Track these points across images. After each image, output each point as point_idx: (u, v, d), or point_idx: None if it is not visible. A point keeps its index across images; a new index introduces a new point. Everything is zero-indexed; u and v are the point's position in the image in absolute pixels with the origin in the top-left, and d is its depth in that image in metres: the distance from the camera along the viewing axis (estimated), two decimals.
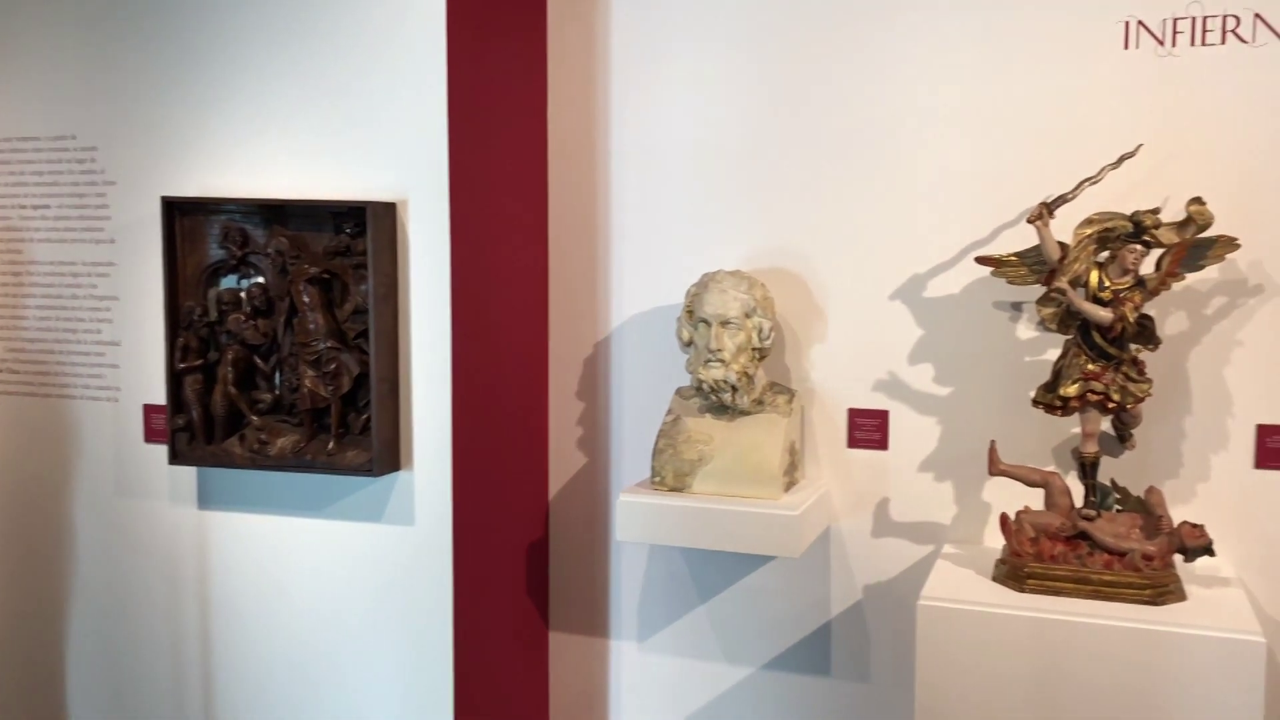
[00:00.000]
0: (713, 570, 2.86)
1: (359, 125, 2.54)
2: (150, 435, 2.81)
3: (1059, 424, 2.42)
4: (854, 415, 2.69)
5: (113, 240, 2.80)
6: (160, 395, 2.70)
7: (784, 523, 2.42)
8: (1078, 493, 2.32)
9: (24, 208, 2.88)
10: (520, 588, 2.91)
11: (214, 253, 2.64)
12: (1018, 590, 2.24)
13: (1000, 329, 2.54)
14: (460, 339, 2.55)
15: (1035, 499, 2.35)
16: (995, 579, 2.31)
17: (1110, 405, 2.23)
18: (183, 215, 2.62)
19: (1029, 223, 2.26)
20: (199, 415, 2.64)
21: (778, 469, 2.50)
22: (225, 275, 2.65)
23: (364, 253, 2.49)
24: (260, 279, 2.62)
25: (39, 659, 3.00)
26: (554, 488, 3.04)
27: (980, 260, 2.42)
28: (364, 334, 2.52)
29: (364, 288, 2.52)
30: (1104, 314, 2.20)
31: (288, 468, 2.59)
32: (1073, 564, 2.23)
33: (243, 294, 2.62)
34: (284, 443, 2.61)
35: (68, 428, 2.89)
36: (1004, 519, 2.32)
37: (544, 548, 3.03)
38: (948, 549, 2.57)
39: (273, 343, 2.63)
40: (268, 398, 2.65)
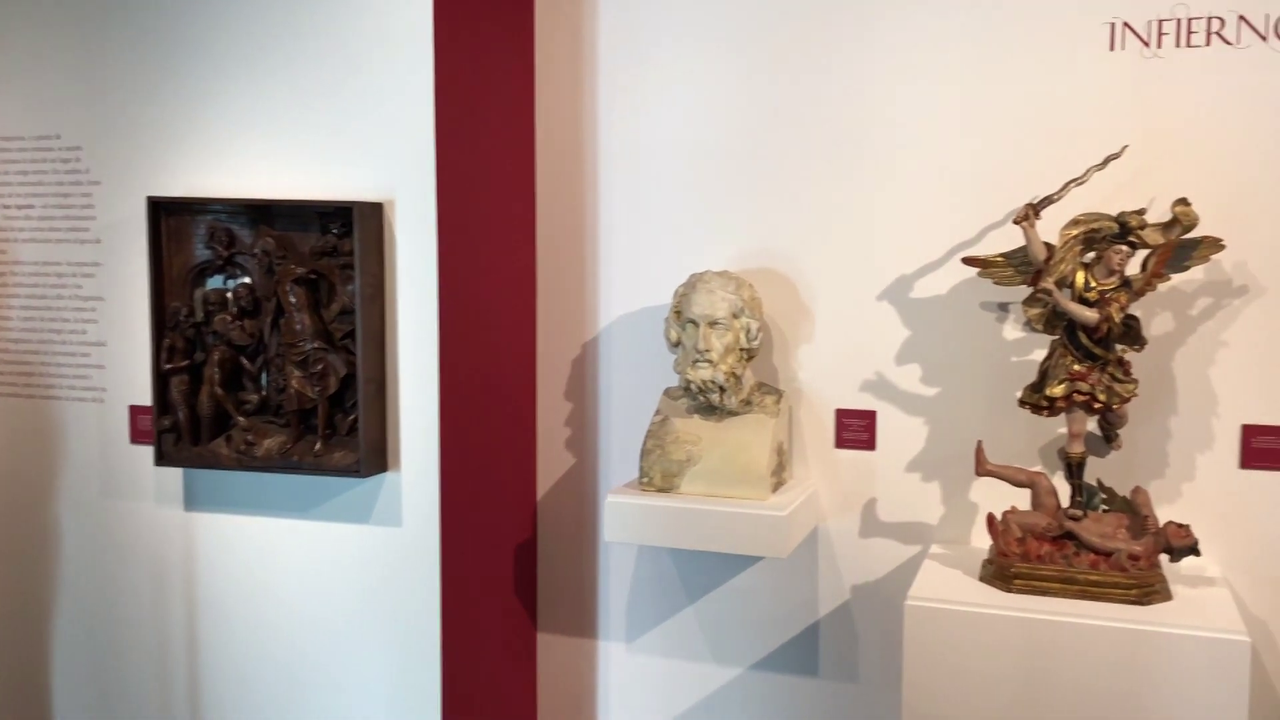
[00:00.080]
0: (701, 571, 2.86)
1: (346, 125, 2.54)
2: (136, 436, 2.80)
3: (1045, 424, 2.43)
4: (841, 415, 2.69)
5: (98, 240, 2.79)
6: (146, 396, 2.69)
7: (771, 523, 2.42)
8: (1064, 493, 2.32)
9: (8, 208, 2.86)
10: (508, 588, 2.91)
11: (200, 253, 2.63)
12: (1004, 590, 2.25)
13: (987, 329, 2.55)
14: (448, 340, 2.54)
15: (1022, 499, 2.36)
16: (982, 579, 2.32)
17: (1096, 405, 2.24)
18: (168, 215, 2.61)
19: (1015, 224, 2.27)
20: (185, 416, 2.63)
21: (765, 469, 2.50)
22: (211, 275, 2.64)
23: (351, 253, 2.49)
24: (247, 279, 2.61)
25: (25, 661, 2.98)
26: (542, 488, 3.03)
27: (967, 261, 2.42)
28: (351, 334, 2.52)
29: (351, 288, 2.51)
30: (1090, 314, 2.20)
31: (274, 469, 2.58)
32: (1059, 564, 2.23)
33: (229, 294, 2.61)
34: (271, 444, 2.60)
35: (53, 429, 2.88)
36: (991, 519, 2.32)
37: (532, 548, 3.03)
38: (935, 549, 2.57)
39: (259, 343, 2.62)
40: (254, 398, 2.64)
